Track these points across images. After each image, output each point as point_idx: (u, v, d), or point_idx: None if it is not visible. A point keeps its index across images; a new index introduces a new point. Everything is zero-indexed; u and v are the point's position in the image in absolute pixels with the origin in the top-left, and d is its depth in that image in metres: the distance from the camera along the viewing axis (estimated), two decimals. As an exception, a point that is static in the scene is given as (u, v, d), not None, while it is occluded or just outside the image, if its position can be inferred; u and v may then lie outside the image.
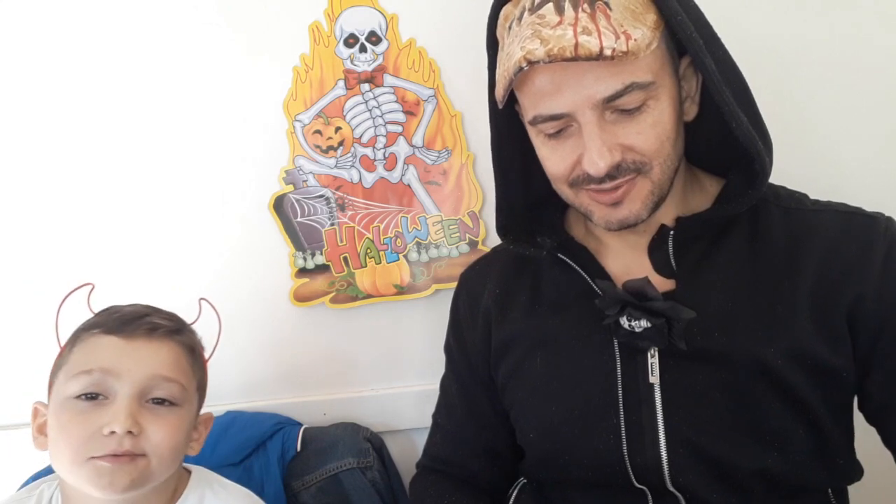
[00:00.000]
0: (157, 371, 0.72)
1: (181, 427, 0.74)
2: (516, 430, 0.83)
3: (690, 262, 0.72)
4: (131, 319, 0.74)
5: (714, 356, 0.68)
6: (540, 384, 0.76)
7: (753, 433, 0.68)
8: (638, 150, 0.65)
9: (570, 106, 0.64)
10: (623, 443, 0.70)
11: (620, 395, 0.71)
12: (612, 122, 0.64)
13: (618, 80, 0.62)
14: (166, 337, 0.75)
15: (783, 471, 0.68)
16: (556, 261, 0.79)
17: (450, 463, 0.89)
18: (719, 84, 0.65)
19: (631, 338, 0.69)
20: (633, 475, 0.70)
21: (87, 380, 0.70)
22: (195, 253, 1.11)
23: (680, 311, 0.66)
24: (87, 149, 1.08)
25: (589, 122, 0.64)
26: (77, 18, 1.04)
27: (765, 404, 0.68)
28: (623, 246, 0.77)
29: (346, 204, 1.09)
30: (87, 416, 0.69)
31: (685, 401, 0.69)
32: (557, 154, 0.68)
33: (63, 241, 1.10)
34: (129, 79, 1.06)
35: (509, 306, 0.81)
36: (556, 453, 0.75)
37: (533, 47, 0.60)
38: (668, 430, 0.69)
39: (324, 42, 1.05)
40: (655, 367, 0.70)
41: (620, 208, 0.68)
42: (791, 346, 0.67)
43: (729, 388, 0.68)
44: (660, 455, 0.69)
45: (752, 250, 0.71)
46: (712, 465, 0.68)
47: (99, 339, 0.73)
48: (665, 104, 0.65)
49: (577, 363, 0.74)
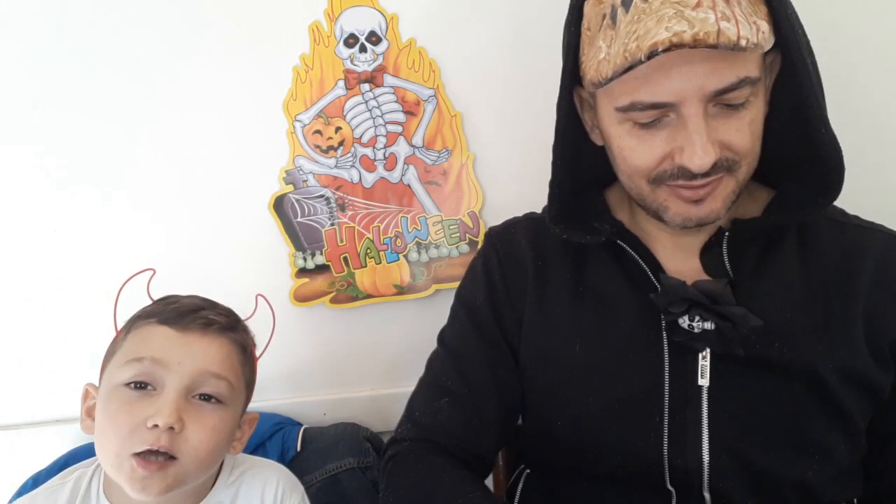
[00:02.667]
0: (207, 367, 0.71)
1: (223, 428, 0.73)
2: (529, 414, 0.81)
3: (747, 268, 0.70)
4: (188, 312, 0.74)
5: (769, 365, 0.67)
6: (576, 373, 0.73)
7: (797, 445, 0.67)
8: (734, 149, 0.63)
9: (678, 95, 0.60)
10: (664, 443, 0.69)
11: (667, 394, 0.69)
12: (714, 117, 0.61)
13: (732, 73, 0.59)
14: (220, 333, 0.74)
15: (820, 483, 0.68)
16: (608, 247, 0.75)
17: (457, 437, 0.76)
18: (816, 86, 0.63)
19: (689, 338, 0.68)
20: (668, 476, 0.69)
21: (137, 367, 0.70)
22: (195, 253, 1.11)
23: (749, 318, 0.64)
24: (87, 149, 1.08)
25: (695, 115, 0.60)
26: (77, 18, 1.04)
27: (812, 417, 0.67)
28: (673, 245, 0.74)
29: (346, 204, 1.09)
30: (134, 406, 0.68)
31: (733, 406, 0.68)
32: (647, 145, 0.64)
33: (62, 240, 1.10)
34: (128, 79, 1.06)
35: (550, 282, 0.77)
36: (587, 445, 0.73)
37: (681, 29, 0.55)
38: (712, 434, 0.68)
39: (324, 42, 1.05)
40: (706, 370, 0.68)
41: (702, 206, 0.66)
42: (846, 363, 0.67)
43: (779, 397, 0.67)
44: (701, 458, 0.68)
45: (803, 261, 0.70)
46: (752, 473, 0.67)
47: (153, 329, 0.73)
48: (762, 102, 0.64)
49: (622, 356, 0.71)
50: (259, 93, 1.07)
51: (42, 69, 1.05)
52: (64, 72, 1.05)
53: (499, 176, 1.09)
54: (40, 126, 1.07)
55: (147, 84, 1.06)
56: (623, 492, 0.73)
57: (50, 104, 1.06)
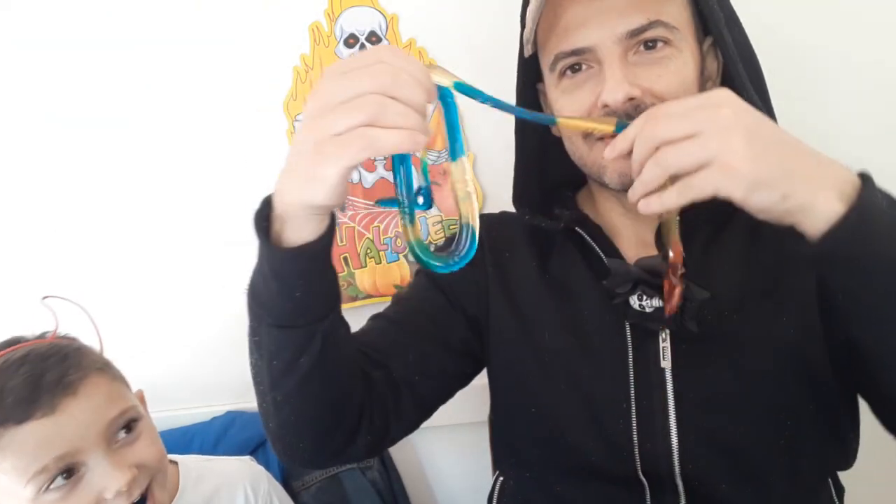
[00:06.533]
0: (105, 417, 0.67)
1: (155, 433, 0.74)
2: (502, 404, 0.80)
3: (698, 247, 0.71)
4: (33, 391, 0.64)
5: (726, 337, 0.67)
6: (547, 360, 0.74)
7: (764, 414, 0.67)
8: (657, 94, 0.64)
9: (593, 39, 0.63)
10: (633, 428, 0.69)
11: (632, 380, 0.69)
12: (635, 64, 0.64)
13: (643, 16, 0.62)
14: (81, 382, 0.67)
15: (793, 454, 0.68)
16: (573, 239, 0.77)
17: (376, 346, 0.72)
18: (735, 63, 0.65)
19: (641, 318, 0.68)
20: (639, 462, 0.69)
21: (47, 476, 0.63)
22: (195, 253, 1.11)
23: (694, 290, 0.64)
24: (86, 149, 1.08)
25: (610, 55, 0.63)
26: (77, 19, 1.04)
27: (776, 383, 0.67)
28: (633, 234, 0.75)
29: (346, 204, 1.09)
30: (76, 498, 0.64)
31: (697, 386, 0.68)
32: (575, 97, 0.67)
33: (60, 241, 1.10)
34: (128, 79, 1.06)
35: (517, 271, 0.79)
36: (560, 434, 0.73)
37: None
38: (679, 416, 0.68)
39: (324, 42, 1.05)
40: (667, 352, 0.68)
41: None
42: (803, 323, 0.67)
43: (741, 368, 0.67)
44: (670, 442, 0.68)
45: (755, 235, 0.71)
46: (723, 452, 0.67)
47: (20, 434, 0.63)
48: (688, 59, 0.65)
49: (588, 344, 0.72)
50: (259, 93, 1.07)
51: (42, 70, 1.06)
52: (64, 72, 1.06)
53: (499, 176, 1.08)
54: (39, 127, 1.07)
55: (147, 84, 1.06)
56: (597, 486, 0.73)
57: (49, 105, 1.06)
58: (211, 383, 1.13)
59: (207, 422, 1.12)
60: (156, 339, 1.14)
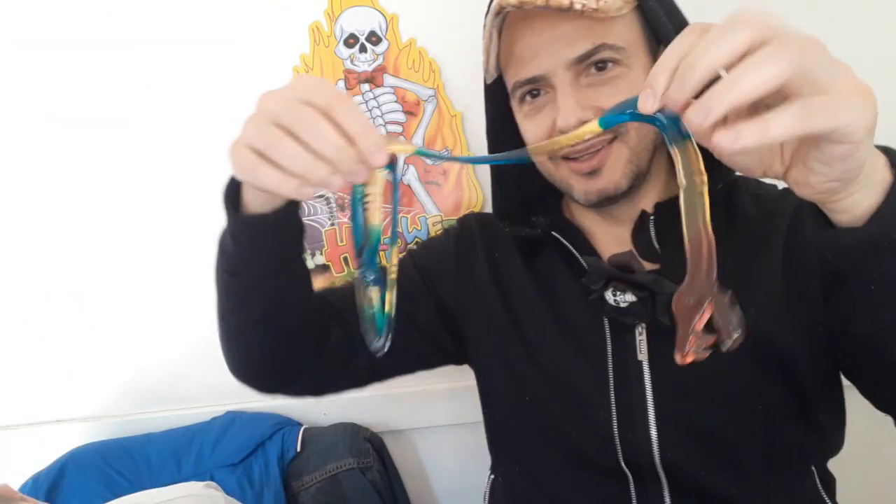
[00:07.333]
0: None
1: None
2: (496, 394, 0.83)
3: (673, 243, 0.72)
4: None
5: None
6: (534, 354, 0.77)
7: (740, 402, 0.69)
8: None
9: (546, 67, 0.66)
10: (614, 420, 0.71)
11: (611, 373, 0.72)
12: (586, 87, 0.66)
13: (588, 41, 0.65)
14: None
15: (768, 440, 0.69)
16: (556, 243, 0.80)
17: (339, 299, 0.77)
18: None
19: (616, 313, 0.70)
20: (621, 453, 0.71)
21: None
22: (195, 253, 1.11)
23: (663, 283, 0.67)
24: (86, 149, 1.08)
25: (562, 83, 0.66)
26: (77, 19, 1.05)
27: (750, 370, 0.68)
28: (608, 236, 0.78)
29: (346, 204, 1.09)
30: None
31: (673, 377, 0.69)
32: (535, 122, 0.70)
33: (59, 241, 1.10)
34: (128, 79, 1.06)
35: (508, 268, 0.82)
36: (548, 426, 0.76)
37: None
38: (657, 407, 0.70)
39: (324, 42, 1.05)
40: (644, 345, 0.71)
41: (599, 178, 0.69)
42: (769, 309, 0.68)
43: (715, 358, 0.68)
44: (649, 432, 0.70)
45: (727, 230, 0.72)
46: (700, 440, 0.69)
47: None
48: (639, 75, 0.67)
49: (571, 340, 0.75)
50: (259, 93, 1.06)
51: (42, 71, 1.06)
52: (65, 72, 1.06)
53: (499, 176, 1.09)
54: (38, 127, 1.07)
55: (147, 84, 1.06)
56: (585, 477, 0.75)
57: (49, 105, 1.06)
58: (210, 383, 1.13)
59: (207, 422, 1.12)
60: (156, 339, 1.14)
